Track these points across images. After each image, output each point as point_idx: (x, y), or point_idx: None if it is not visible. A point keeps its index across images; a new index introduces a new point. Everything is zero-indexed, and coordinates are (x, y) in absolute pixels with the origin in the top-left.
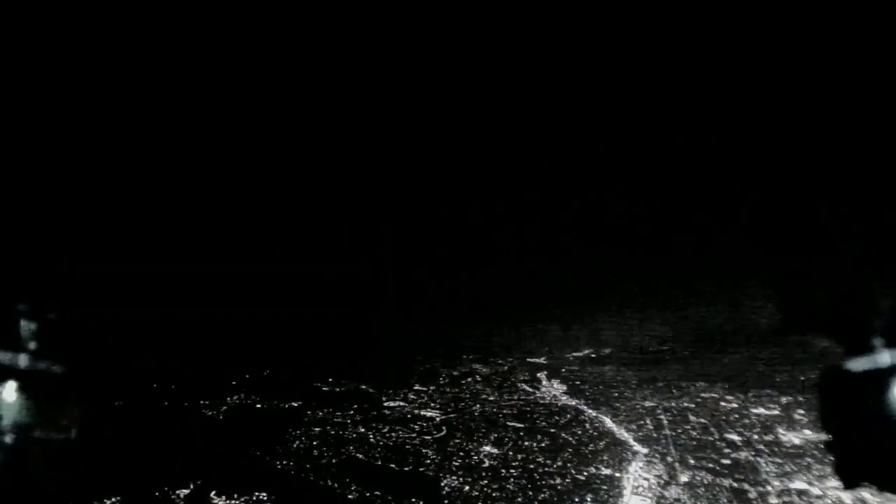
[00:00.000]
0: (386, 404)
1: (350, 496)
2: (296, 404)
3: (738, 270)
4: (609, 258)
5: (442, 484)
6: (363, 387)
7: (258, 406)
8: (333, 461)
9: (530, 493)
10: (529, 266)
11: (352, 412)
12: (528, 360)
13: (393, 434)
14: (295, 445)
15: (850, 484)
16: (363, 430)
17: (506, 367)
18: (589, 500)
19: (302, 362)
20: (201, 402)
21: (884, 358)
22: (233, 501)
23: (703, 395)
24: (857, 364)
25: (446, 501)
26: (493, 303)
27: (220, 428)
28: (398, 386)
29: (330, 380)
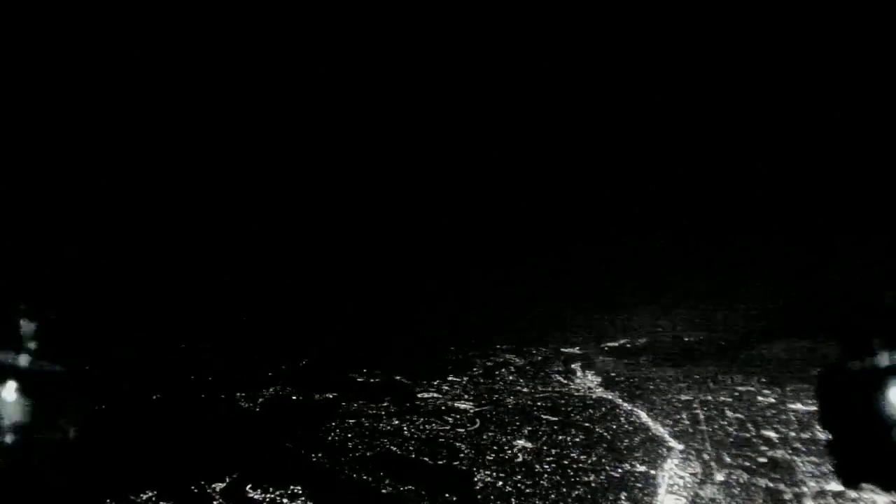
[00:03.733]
0: (420, 396)
1: (384, 490)
2: (331, 396)
3: (773, 264)
4: (641, 249)
5: (475, 479)
6: (397, 378)
7: (293, 398)
8: (367, 454)
9: (564, 489)
10: (561, 256)
11: (386, 404)
12: (563, 350)
13: (427, 427)
14: (329, 438)
15: (850, 483)
16: (397, 422)
17: (540, 358)
18: (623, 498)
19: (338, 353)
20: (238, 394)
21: (884, 358)
22: (268, 495)
23: (739, 388)
24: (858, 364)
25: (479, 497)
26: (526, 293)
27: (255, 420)
28: (432, 377)
29: (365, 371)
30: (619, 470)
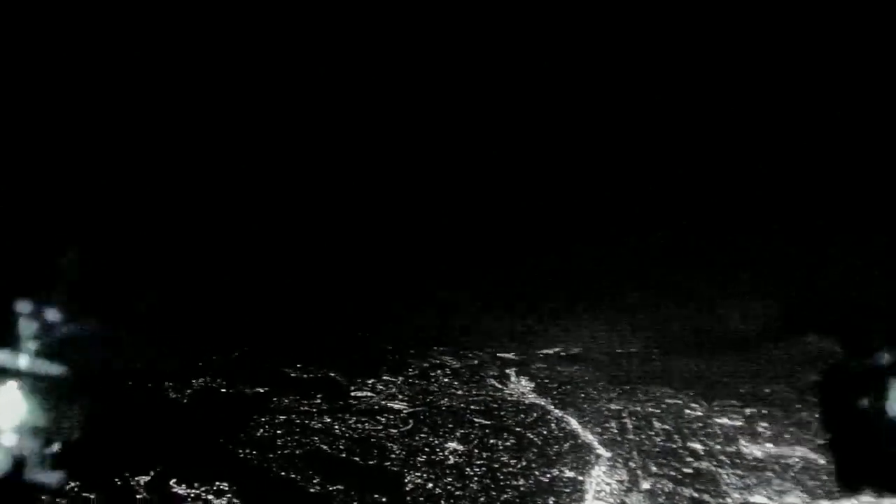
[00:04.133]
0: (353, 394)
1: (312, 490)
2: (262, 390)
3: (717, 278)
4: (583, 257)
5: (405, 480)
6: (331, 374)
7: (223, 390)
8: (297, 452)
9: (493, 493)
10: (503, 261)
11: (318, 401)
12: (499, 354)
13: (359, 426)
14: (259, 434)
15: (850, 486)
16: (329, 420)
17: (475, 361)
18: (551, 502)
19: (271, 346)
20: (166, 383)
21: (884, 358)
22: (193, 490)
23: (668, 401)
24: (859, 365)
25: (409, 498)
26: (466, 296)
27: (183, 412)
28: (366, 375)
29: (298, 365)
30: (548, 475)
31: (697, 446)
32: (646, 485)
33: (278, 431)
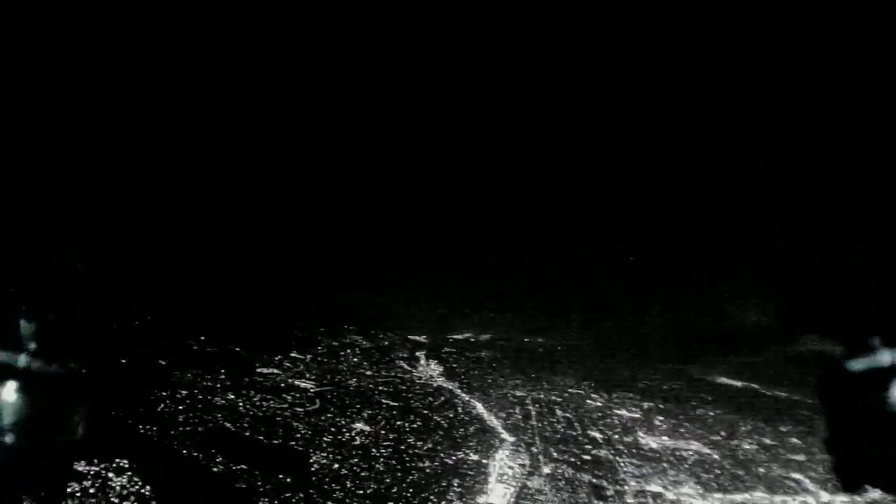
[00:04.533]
0: (259, 370)
1: (215, 469)
2: (163, 363)
3: (635, 276)
4: (501, 248)
5: (311, 460)
6: (236, 349)
7: (122, 361)
8: (200, 429)
9: (399, 474)
10: (421, 243)
11: (222, 376)
12: (410, 337)
13: (264, 404)
14: (160, 409)
15: (850, 485)
16: (233, 396)
17: (386, 343)
18: (455, 485)
19: (173, 316)
20: None
21: (884, 358)
22: (91, 468)
23: (570, 391)
24: (859, 365)
25: (314, 479)
26: (380, 275)
27: (78, 385)
28: (273, 352)
29: (202, 338)
30: (454, 457)
31: (597, 435)
32: (547, 469)
33: (180, 407)
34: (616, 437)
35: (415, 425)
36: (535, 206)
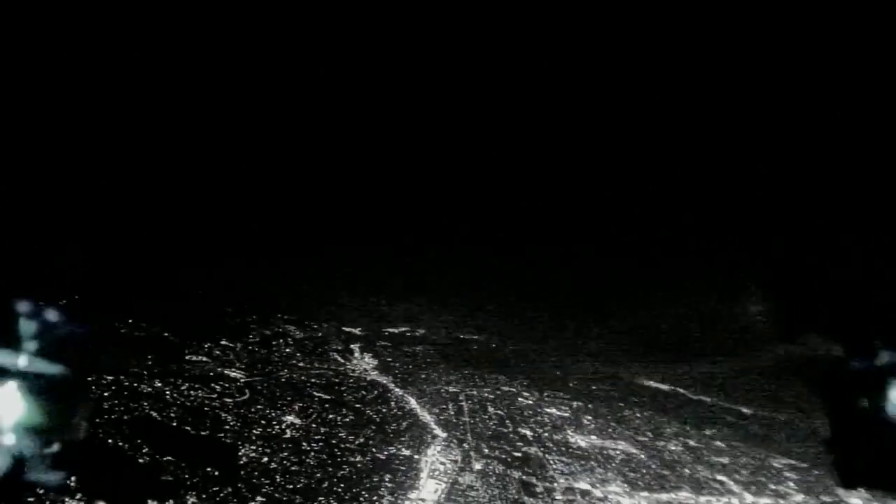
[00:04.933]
0: (188, 358)
1: (141, 459)
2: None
3: (575, 277)
4: (441, 242)
5: (240, 453)
6: (165, 334)
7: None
8: (125, 418)
9: (330, 469)
10: (363, 237)
11: (149, 363)
12: (345, 328)
13: (192, 393)
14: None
15: (850, 485)
16: (160, 384)
17: (320, 334)
18: (387, 480)
19: (99, 297)
20: None
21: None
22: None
23: (503, 388)
24: (859, 365)
25: (242, 473)
26: (316, 263)
27: None
28: (203, 339)
29: (129, 321)
30: (385, 452)
31: (527, 432)
32: (478, 465)
33: (105, 394)
34: (546, 435)
35: (347, 419)
36: (476, 202)
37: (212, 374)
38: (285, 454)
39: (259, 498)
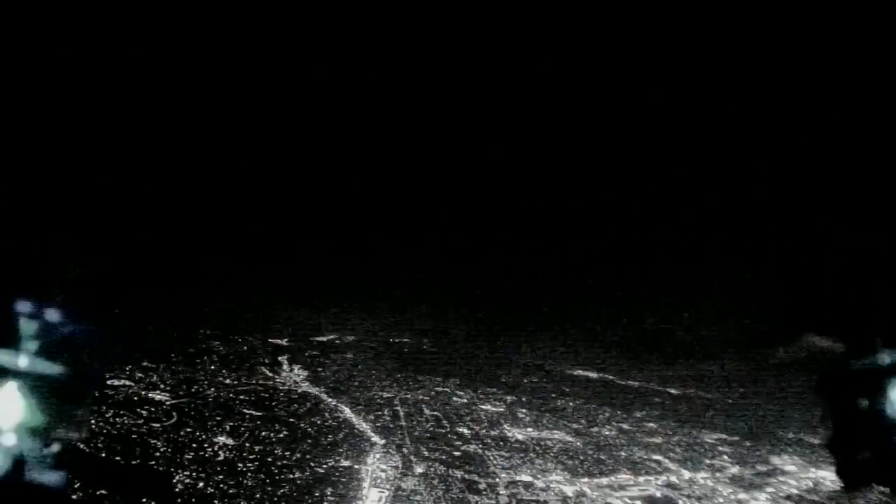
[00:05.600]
0: (109, 383)
1: (73, 496)
2: None
3: (502, 275)
4: (364, 248)
5: (174, 480)
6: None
7: None
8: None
9: (269, 488)
10: (280, 241)
11: None
12: (270, 340)
13: (117, 420)
14: None
15: (850, 485)
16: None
17: (245, 347)
18: (329, 493)
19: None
20: None
21: (884, 358)
22: None
23: (436, 389)
24: (859, 365)
25: (179, 500)
26: (235, 275)
27: None
28: (123, 361)
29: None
30: (324, 465)
31: (465, 431)
32: (419, 469)
33: None
34: (483, 431)
35: (281, 435)
36: (399, 207)
37: (136, 398)
38: (221, 477)
39: None
